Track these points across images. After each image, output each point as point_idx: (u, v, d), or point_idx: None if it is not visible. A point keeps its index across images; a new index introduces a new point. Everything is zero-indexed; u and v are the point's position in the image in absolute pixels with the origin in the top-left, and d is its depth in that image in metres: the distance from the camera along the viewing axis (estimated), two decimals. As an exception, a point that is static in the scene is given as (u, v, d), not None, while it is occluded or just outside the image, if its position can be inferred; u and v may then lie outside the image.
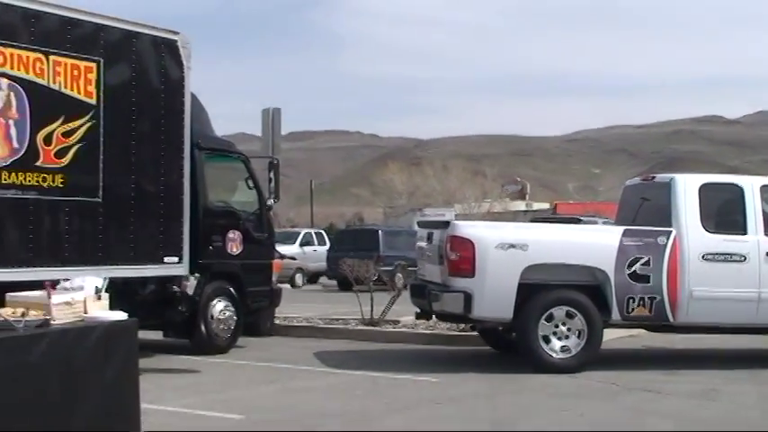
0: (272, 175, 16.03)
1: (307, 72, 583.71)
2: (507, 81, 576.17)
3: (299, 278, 36.61)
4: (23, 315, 7.67)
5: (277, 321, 17.21)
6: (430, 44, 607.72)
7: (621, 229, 13.20)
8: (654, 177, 15.04)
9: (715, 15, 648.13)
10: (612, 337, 14.34)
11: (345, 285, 26.10)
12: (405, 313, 16.58)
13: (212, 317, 14.24)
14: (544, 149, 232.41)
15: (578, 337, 12.64)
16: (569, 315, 12.62)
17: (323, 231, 44.50)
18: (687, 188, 13.26)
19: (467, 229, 13.00)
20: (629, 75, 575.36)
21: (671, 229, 12.95)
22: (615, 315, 12.74)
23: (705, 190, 13.30)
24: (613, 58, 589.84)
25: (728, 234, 13.11)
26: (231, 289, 14.61)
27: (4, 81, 10.88)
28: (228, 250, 14.61)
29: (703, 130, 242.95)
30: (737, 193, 13.34)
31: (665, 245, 12.81)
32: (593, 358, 12.67)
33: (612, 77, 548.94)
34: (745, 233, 13.10)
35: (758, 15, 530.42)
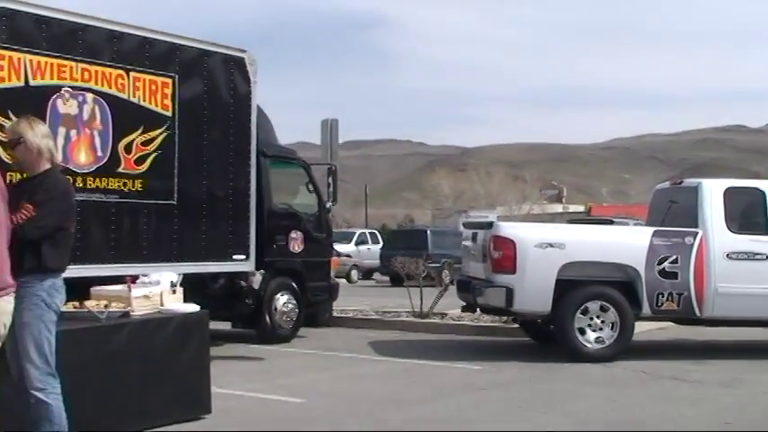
0: (330, 180, 16.09)
1: (361, 86, 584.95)
2: (546, 93, 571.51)
3: (354, 274, 36.66)
4: (106, 307, 7.78)
5: (335, 313, 17.25)
6: (475, 60, 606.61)
7: (652, 229, 13.09)
8: (682, 182, 14.90)
9: (738, 33, 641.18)
10: (643, 330, 14.22)
11: (397, 281, 26.13)
12: (451, 306, 16.55)
13: (276, 309, 14.32)
14: (580, 156, 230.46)
15: (611, 329, 12.56)
16: (603, 309, 12.55)
17: (376, 231, 44.50)
18: (713, 192, 13.13)
19: (508, 229, 12.97)
20: (659, 87, 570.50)
21: (698, 229, 12.83)
22: (645, 309, 12.64)
23: (729, 194, 13.16)
24: (644, 72, 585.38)
25: (751, 234, 12.96)
26: (293, 284, 14.67)
27: (90, 95, 11.00)
28: (291, 249, 14.67)
29: (728, 138, 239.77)
30: (759, 196, 13.18)
31: (692, 244, 12.70)
32: (624, 349, 12.59)
33: (643, 90, 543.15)
34: (766, 233, 12.93)
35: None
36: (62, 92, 10.71)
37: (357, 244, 39.00)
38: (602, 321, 12.59)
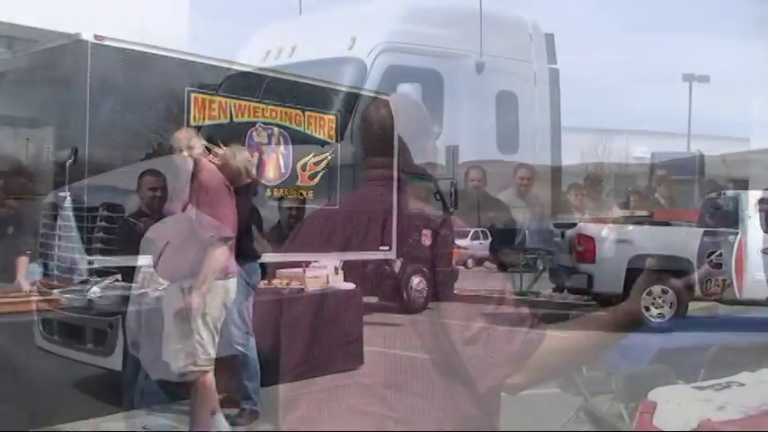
0: (452, 190, 16.07)
1: (476, 119, 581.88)
2: (610, 120, 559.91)
3: (470, 262, 36.39)
4: (288, 284, 7.92)
5: (455, 291, 17.15)
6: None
7: (702, 230, 12.77)
8: (725, 192, 14.49)
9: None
10: (694, 308, 13.82)
11: (502, 268, 25.89)
12: (544, 288, 16.32)
13: (411, 288, 14.11)
14: (642, 171, 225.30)
15: (670, 307, 12.26)
16: (664, 291, 12.23)
17: (486, 230, 44.18)
18: (750, 201, 12.76)
19: (589, 228, 12.88)
20: (701, 121, 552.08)
21: (738, 230, 12.48)
22: (697, 292, 12.29)
23: (763, 202, 12.79)
24: (689, 107, 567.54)
25: (781, 234, 12.58)
26: (424, 269, 14.59)
27: (276, 129, 11.18)
28: (422, 242, 14.64)
29: (760, 158, 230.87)
30: (787, 204, 12.81)
31: (734, 242, 12.33)
32: (681, 323, 12.28)
33: (690, 122, 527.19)
34: (792, 234, 12.52)
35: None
36: (256, 126, 10.91)
37: (472, 239, 38.62)
38: (663, 301, 12.28)
